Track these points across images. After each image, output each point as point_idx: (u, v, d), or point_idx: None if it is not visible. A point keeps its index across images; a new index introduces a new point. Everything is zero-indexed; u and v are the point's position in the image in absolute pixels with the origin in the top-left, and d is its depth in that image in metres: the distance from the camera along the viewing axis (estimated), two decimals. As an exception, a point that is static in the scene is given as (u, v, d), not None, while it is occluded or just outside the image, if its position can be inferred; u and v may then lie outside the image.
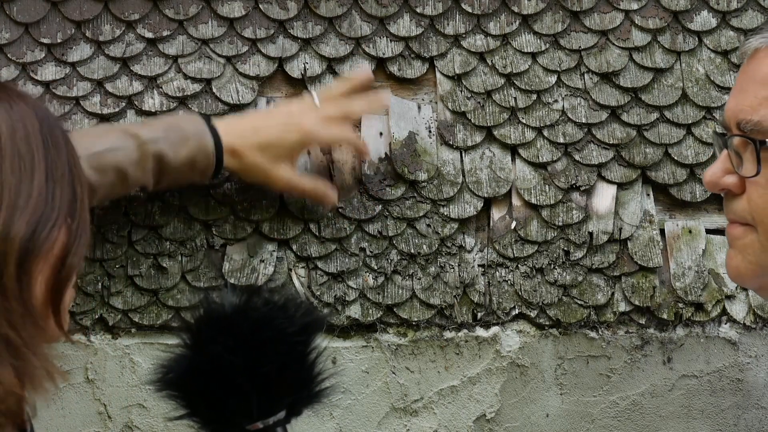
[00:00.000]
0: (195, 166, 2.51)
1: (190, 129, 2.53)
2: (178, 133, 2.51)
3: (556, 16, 2.93)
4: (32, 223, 1.50)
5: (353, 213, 2.74)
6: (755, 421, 2.76)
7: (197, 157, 2.51)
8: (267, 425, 1.90)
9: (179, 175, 2.53)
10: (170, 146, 2.49)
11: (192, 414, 1.93)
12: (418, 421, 2.71)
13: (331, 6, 2.89)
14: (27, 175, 1.51)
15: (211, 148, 2.52)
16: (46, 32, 2.81)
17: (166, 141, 2.49)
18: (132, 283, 2.65)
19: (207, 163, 2.52)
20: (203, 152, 2.51)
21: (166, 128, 2.52)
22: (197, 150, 2.50)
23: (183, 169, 2.51)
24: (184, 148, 2.49)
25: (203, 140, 2.52)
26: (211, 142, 2.52)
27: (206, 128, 2.54)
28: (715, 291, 2.77)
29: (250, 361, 1.86)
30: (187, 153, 2.49)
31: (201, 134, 2.52)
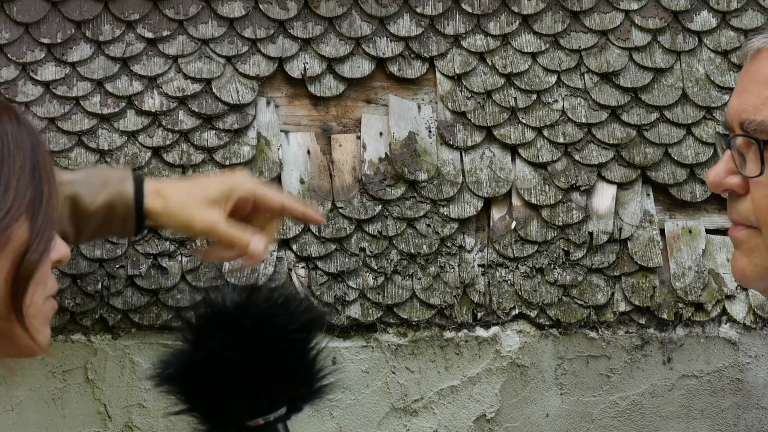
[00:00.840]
0: (114, 213, 2.34)
1: (113, 175, 2.37)
2: (99, 178, 2.35)
3: (556, 16, 2.93)
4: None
5: (353, 213, 2.74)
6: (755, 421, 2.76)
7: (116, 202, 2.34)
8: (267, 421, 1.90)
9: (98, 223, 2.36)
10: (88, 189, 2.31)
11: (192, 410, 1.93)
12: (418, 421, 2.71)
13: (331, 6, 2.89)
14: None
15: (131, 193, 2.34)
16: (46, 32, 2.81)
17: (85, 184, 2.31)
18: (132, 283, 2.65)
19: (126, 210, 2.34)
20: (122, 198, 2.34)
21: (87, 173, 2.36)
22: (116, 195, 2.33)
23: (100, 214, 2.34)
24: (103, 193, 2.33)
25: (123, 185, 2.34)
26: (131, 187, 2.35)
27: (130, 175, 2.37)
28: (715, 291, 2.77)
29: (250, 357, 1.86)
30: (105, 198, 2.33)
31: (122, 180, 2.36)
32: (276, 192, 2.46)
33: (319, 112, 2.83)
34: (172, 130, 2.77)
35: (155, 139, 2.75)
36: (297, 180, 2.75)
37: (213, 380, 1.88)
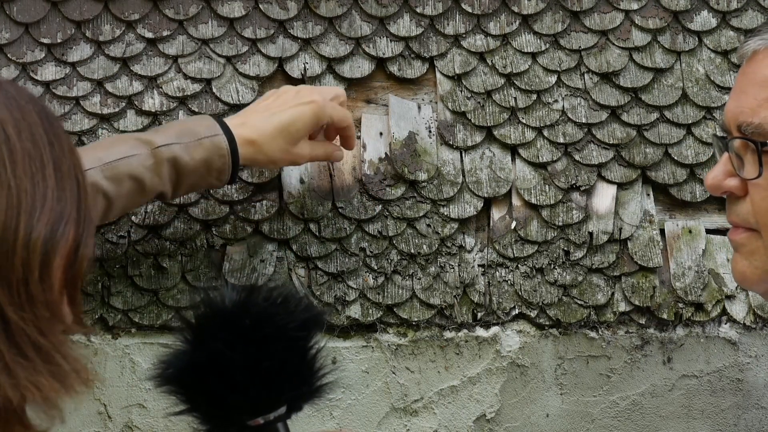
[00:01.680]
0: (211, 166, 2.47)
1: (203, 130, 2.49)
2: (191, 135, 2.47)
3: (556, 16, 2.93)
4: (50, 224, 1.48)
5: (353, 213, 2.74)
6: (755, 421, 2.76)
7: (212, 157, 2.47)
8: (267, 421, 1.90)
9: (196, 179, 2.49)
10: (184, 149, 2.45)
11: (192, 410, 1.93)
12: (418, 421, 2.71)
13: (331, 6, 2.89)
14: (39, 176, 1.50)
15: (225, 145, 2.48)
16: (46, 32, 2.81)
17: (180, 144, 2.45)
18: (132, 283, 2.65)
19: (222, 163, 2.48)
20: (218, 152, 2.47)
21: (178, 132, 2.48)
22: (212, 150, 2.46)
23: (199, 171, 2.47)
24: (199, 150, 2.45)
25: (216, 139, 2.47)
26: (224, 140, 2.48)
27: (218, 127, 2.50)
28: (715, 291, 2.77)
29: (249, 356, 1.86)
30: (202, 154, 2.45)
31: (214, 134, 2.49)
32: (344, 113, 2.65)
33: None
34: (172, 130, 2.77)
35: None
36: (297, 180, 2.75)
37: (213, 380, 1.88)
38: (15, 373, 1.46)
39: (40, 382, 1.48)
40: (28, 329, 1.48)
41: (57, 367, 1.50)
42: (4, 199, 1.46)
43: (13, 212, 1.46)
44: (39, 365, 1.48)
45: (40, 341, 1.48)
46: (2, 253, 1.45)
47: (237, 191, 2.72)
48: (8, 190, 1.47)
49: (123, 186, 2.41)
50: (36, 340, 1.48)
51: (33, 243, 1.46)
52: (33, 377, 1.48)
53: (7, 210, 1.46)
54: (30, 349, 1.48)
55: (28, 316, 1.48)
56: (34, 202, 1.47)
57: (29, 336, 1.48)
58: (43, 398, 1.49)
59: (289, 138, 2.55)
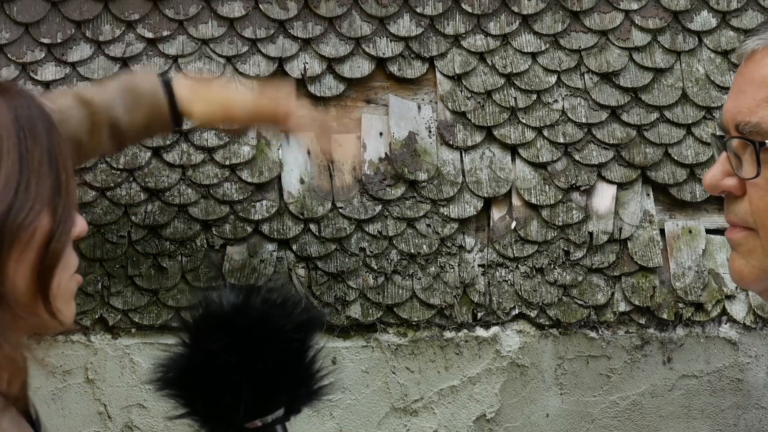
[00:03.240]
0: (152, 124, 2.41)
1: (145, 88, 2.44)
2: (133, 95, 2.42)
3: (556, 16, 2.93)
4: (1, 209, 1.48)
5: (353, 213, 2.74)
6: (755, 421, 2.76)
7: (153, 115, 2.39)
8: (266, 423, 1.90)
9: (137, 134, 2.43)
10: (124, 111, 2.40)
11: (191, 413, 1.93)
12: (418, 421, 2.71)
13: (331, 6, 2.89)
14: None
15: (165, 104, 2.39)
16: (46, 32, 2.81)
17: (121, 106, 2.40)
18: (132, 283, 2.65)
19: (163, 120, 2.39)
20: (158, 110, 2.39)
21: (120, 92, 2.43)
22: (152, 109, 2.40)
23: (140, 129, 2.41)
24: (139, 111, 2.39)
25: (156, 97, 2.40)
26: (164, 98, 2.39)
27: (160, 84, 2.41)
28: (715, 291, 2.77)
29: (246, 358, 1.86)
30: (142, 115, 2.39)
31: (155, 92, 2.40)
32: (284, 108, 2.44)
33: (319, 112, 2.83)
34: (172, 130, 2.77)
35: (155, 139, 2.75)
36: (297, 180, 2.75)
37: (210, 382, 1.88)
38: None
39: None
40: None
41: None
42: None
43: None
44: None
45: None
46: None
47: (237, 191, 2.72)
48: None
49: None
50: None
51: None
52: None
53: None
54: None
55: None
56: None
57: None
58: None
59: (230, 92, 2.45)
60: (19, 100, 1.59)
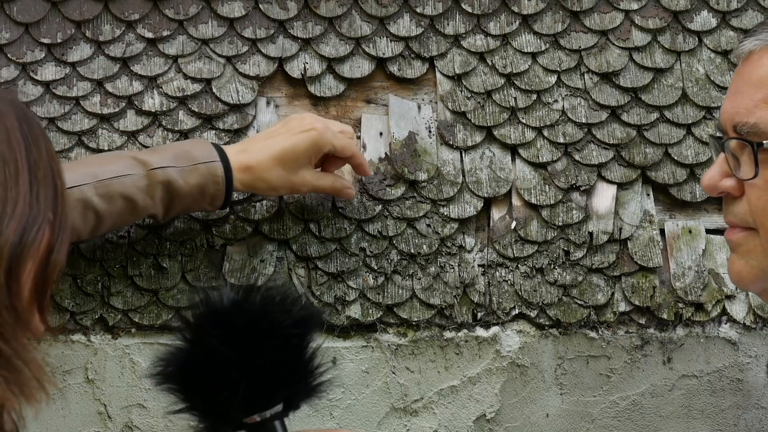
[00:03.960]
0: (205, 192, 2.48)
1: (200, 155, 2.48)
2: (188, 159, 2.46)
3: (556, 16, 2.93)
4: (20, 230, 1.46)
5: (353, 213, 2.74)
6: (755, 421, 2.76)
7: (207, 183, 2.47)
8: (264, 418, 1.91)
9: (189, 202, 2.49)
10: (179, 173, 2.44)
11: (190, 408, 1.94)
12: (418, 421, 2.71)
13: (331, 6, 2.89)
14: (12, 181, 1.48)
15: (221, 172, 2.48)
16: (46, 32, 2.81)
17: (176, 168, 2.45)
18: (132, 283, 2.65)
19: (216, 189, 2.48)
20: (213, 178, 2.47)
21: (175, 155, 2.47)
22: (207, 176, 2.46)
23: (192, 195, 2.46)
24: (194, 175, 2.45)
25: (212, 165, 2.48)
26: (220, 166, 2.48)
27: (216, 153, 2.50)
28: (715, 291, 2.77)
29: (245, 353, 1.87)
30: (197, 179, 2.45)
31: (210, 160, 2.48)
32: (348, 142, 2.64)
33: (319, 112, 2.84)
34: (172, 130, 2.77)
35: (155, 139, 2.76)
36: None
37: (209, 377, 1.88)
38: None
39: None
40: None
41: (17, 374, 1.48)
42: None
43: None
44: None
45: (0, 347, 1.46)
46: None
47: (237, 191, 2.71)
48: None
49: (114, 204, 2.40)
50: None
51: (0, 248, 1.44)
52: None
53: None
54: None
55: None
56: (4, 207, 1.45)
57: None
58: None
59: (288, 165, 2.55)
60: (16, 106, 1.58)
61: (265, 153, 2.55)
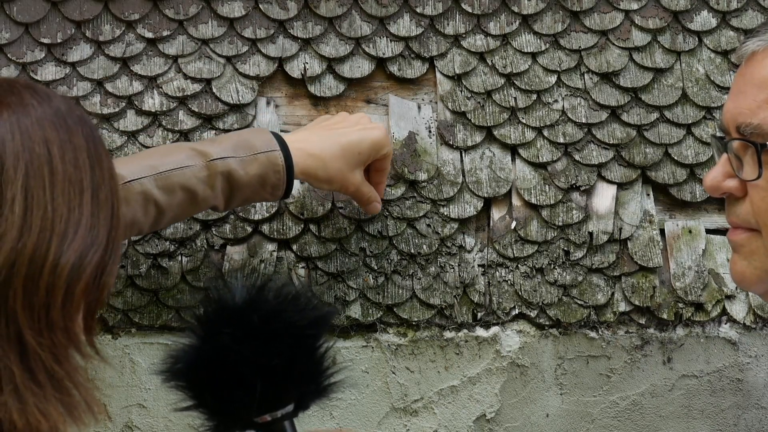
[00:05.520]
0: (266, 182, 2.44)
1: (260, 144, 2.44)
2: (248, 149, 2.42)
3: (556, 16, 2.93)
4: (79, 251, 1.45)
5: (353, 213, 2.74)
6: (755, 421, 2.76)
7: (267, 172, 2.43)
8: (275, 418, 1.90)
9: (250, 193, 2.45)
10: (239, 163, 2.40)
11: (199, 405, 1.93)
12: (418, 421, 2.71)
13: (331, 6, 2.89)
14: (76, 201, 1.47)
15: (281, 161, 2.44)
16: (46, 32, 2.81)
17: (236, 158, 2.42)
18: (132, 283, 2.65)
19: (277, 179, 2.45)
20: (273, 167, 2.44)
21: (234, 145, 2.43)
22: (267, 165, 2.43)
23: (253, 185, 2.42)
24: (254, 165, 2.40)
25: (272, 155, 2.44)
26: (280, 156, 2.44)
27: (275, 143, 2.46)
28: (715, 291, 2.77)
29: (258, 352, 1.86)
30: (257, 169, 2.42)
31: (270, 149, 2.45)
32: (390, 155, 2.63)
33: (319, 112, 2.84)
34: (172, 130, 2.77)
35: (155, 139, 2.76)
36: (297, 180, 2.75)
37: (221, 375, 1.87)
38: (24, 399, 1.44)
39: (48, 411, 1.45)
40: (44, 355, 1.46)
41: (68, 397, 1.47)
42: (39, 220, 1.44)
43: (46, 235, 1.44)
44: (49, 393, 1.46)
45: (54, 368, 1.46)
46: (29, 275, 1.43)
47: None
48: (44, 212, 1.44)
49: (175, 196, 2.37)
50: (50, 366, 1.46)
51: (60, 269, 1.43)
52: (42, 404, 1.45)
53: (41, 232, 1.44)
54: (43, 376, 1.46)
55: (46, 342, 1.45)
56: (67, 227, 1.44)
57: (44, 362, 1.46)
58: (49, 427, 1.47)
59: (352, 159, 2.52)
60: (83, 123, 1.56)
61: (332, 142, 2.51)
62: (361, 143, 2.53)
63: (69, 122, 1.51)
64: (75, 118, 1.53)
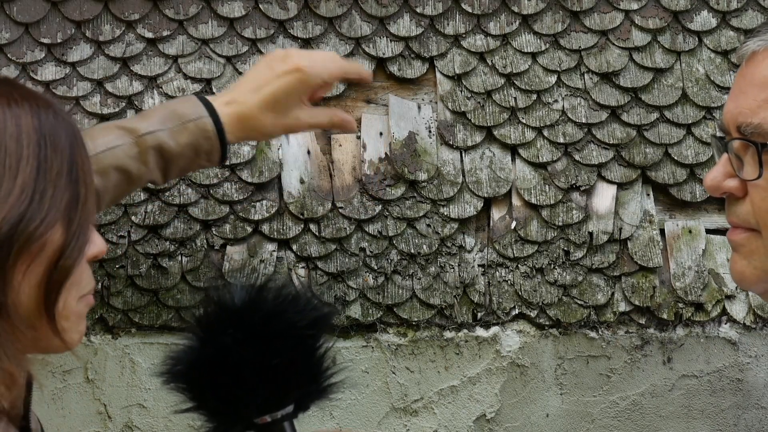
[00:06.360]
0: (199, 149, 2.37)
1: (188, 113, 2.40)
2: (176, 119, 2.39)
3: (556, 16, 2.93)
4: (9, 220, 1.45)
5: (353, 213, 2.74)
6: (755, 421, 2.76)
7: (198, 140, 2.36)
8: (275, 419, 1.90)
9: (185, 162, 2.39)
10: (169, 135, 2.36)
11: (199, 407, 1.92)
12: (418, 421, 2.71)
13: (331, 6, 2.89)
14: (11, 173, 1.47)
15: (211, 127, 2.36)
16: (46, 32, 2.81)
17: (164, 131, 2.38)
18: (132, 283, 2.65)
19: (210, 145, 2.37)
20: (203, 134, 2.36)
21: (163, 117, 2.39)
22: (197, 133, 2.36)
23: (186, 155, 2.38)
24: (184, 134, 2.36)
25: (201, 122, 2.36)
26: (210, 122, 2.37)
27: (203, 108, 2.38)
28: (715, 291, 2.77)
29: (259, 353, 1.85)
30: (188, 138, 2.35)
31: (198, 116, 2.37)
32: (335, 64, 2.41)
33: (319, 112, 2.83)
34: (172, 130, 2.77)
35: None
36: (297, 180, 2.75)
37: (222, 376, 1.87)
38: None
39: None
40: None
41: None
42: None
43: None
44: None
45: None
46: None
47: (237, 191, 2.72)
48: None
49: (110, 178, 2.34)
50: None
51: None
52: None
53: None
54: None
55: None
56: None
57: None
58: None
59: (279, 109, 2.40)
60: (45, 109, 1.57)
61: (254, 101, 2.43)
62: (284, 91, 2.42)
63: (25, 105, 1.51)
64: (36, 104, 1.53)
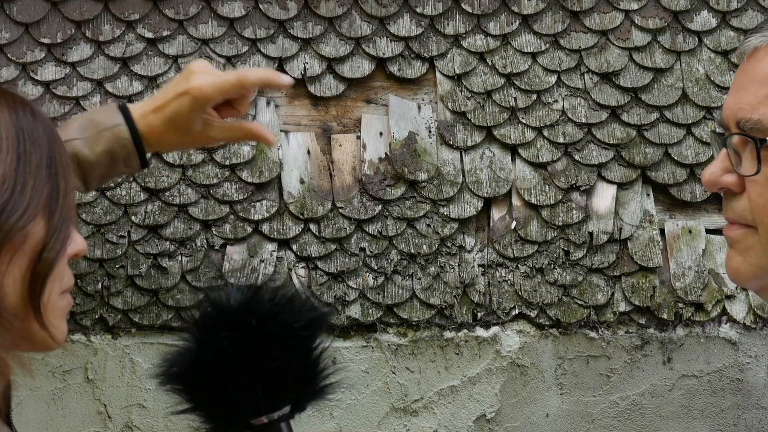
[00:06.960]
0: (115, 157, 2.30)
1: (104, 121, 2.38)
2: (92, 128, 2.38)
3: (556, 16, 2.93)
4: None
5: (353, 213, 2.74)
6: (755, 421, 2.76)
7: (114, 148, 2.29)
8: (271, 420, 1.89)
9: (104, 170, 2.33)
10: (85, 143, 2.34)
11: (196, 408, 1.92)
12: (418, 421, 2.70)
13: (331, 6, 2.89)
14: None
15: (127, 136, 2.29)
16: (46, 32, 2.81)
17: (81, 139, 2.37)
18: (132, 283, 2.65)
19: (126, 152, 2.30)
20: (119, 142, 2.29)
21: (80, 126, 2.38)
22: (113, 141, 2.29)
23: (104, 163, 2.34)
24: (100, 143, 2.29)
25: (116, 130, 2.28)
26: (125, 129, 2.29)
27: (120, 116, 2.29)
28: (715, 291, 2.77)
29: (255, 355, 1.85)
30: (104, 146, 2.28)
31: (114, 124, 2.28)
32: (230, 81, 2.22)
33: (319, 112, 2.84)
34: (172, 130, 2.77)
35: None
36: (297, 180, 2.75)
37: (218, 378, 1.87)
38: None
39: None
40: None
41: None
42: None
43: None
44: None
45: None
46: None
47: (237, 191, 2.71)
48: None
49: None
50: None
51: None
52: None
53: None
54: None
55: None
56: None
57: None
58: None
59: (179, 129, 2.27)
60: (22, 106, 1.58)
61: (156, 121, 2.39)
62: (179, 114, 2.35)
63: None
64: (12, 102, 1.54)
